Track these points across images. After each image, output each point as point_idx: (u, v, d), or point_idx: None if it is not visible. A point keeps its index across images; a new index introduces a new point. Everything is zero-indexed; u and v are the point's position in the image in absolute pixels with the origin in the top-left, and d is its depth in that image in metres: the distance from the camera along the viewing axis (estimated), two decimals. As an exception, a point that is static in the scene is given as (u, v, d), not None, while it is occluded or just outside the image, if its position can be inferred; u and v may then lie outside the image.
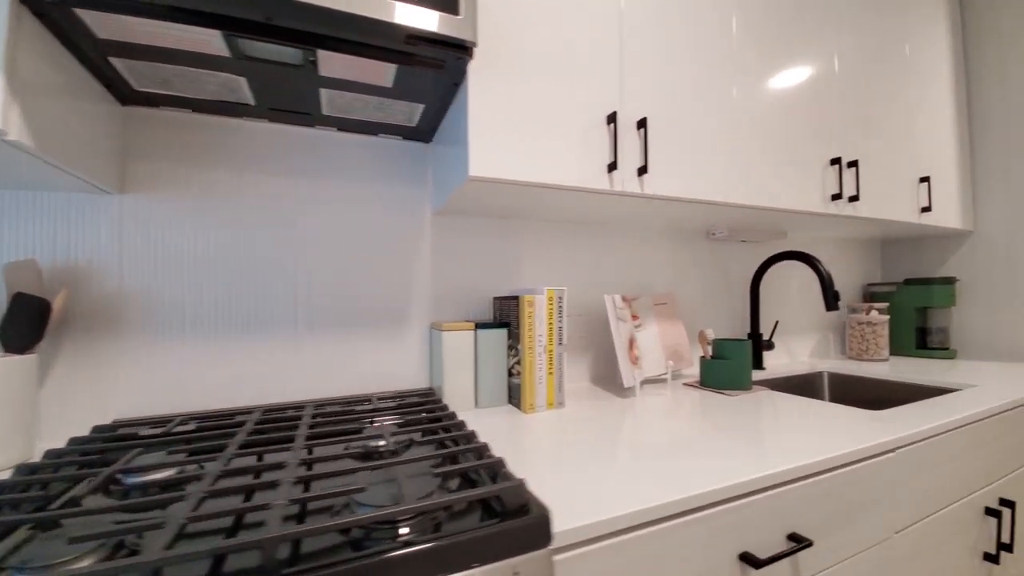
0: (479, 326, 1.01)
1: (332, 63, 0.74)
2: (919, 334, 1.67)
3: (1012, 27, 1.55)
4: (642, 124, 0.93)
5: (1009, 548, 0.99)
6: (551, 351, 0.99)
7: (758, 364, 1.47)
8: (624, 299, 1.19)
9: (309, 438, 0.68)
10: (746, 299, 1.59)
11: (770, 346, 1.49)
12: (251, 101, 0.87)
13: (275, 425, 0.73)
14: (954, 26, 1.64)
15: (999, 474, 1.01)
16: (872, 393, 1.40)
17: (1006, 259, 1.57)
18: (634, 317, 1.25)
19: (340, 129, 1.00)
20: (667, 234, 1.43)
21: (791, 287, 1.68)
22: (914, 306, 1.66)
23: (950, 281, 1.61)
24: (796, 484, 0.67)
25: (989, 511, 0.97)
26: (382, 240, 1.05)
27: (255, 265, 0.94)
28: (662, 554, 0.55)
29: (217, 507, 0.48)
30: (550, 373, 0.99)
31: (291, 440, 0.68)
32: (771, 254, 1.61)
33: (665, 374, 1.28)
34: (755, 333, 1.48)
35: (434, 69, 0.76)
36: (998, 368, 1.41)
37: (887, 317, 1.57)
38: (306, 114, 0.93)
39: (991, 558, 0.98)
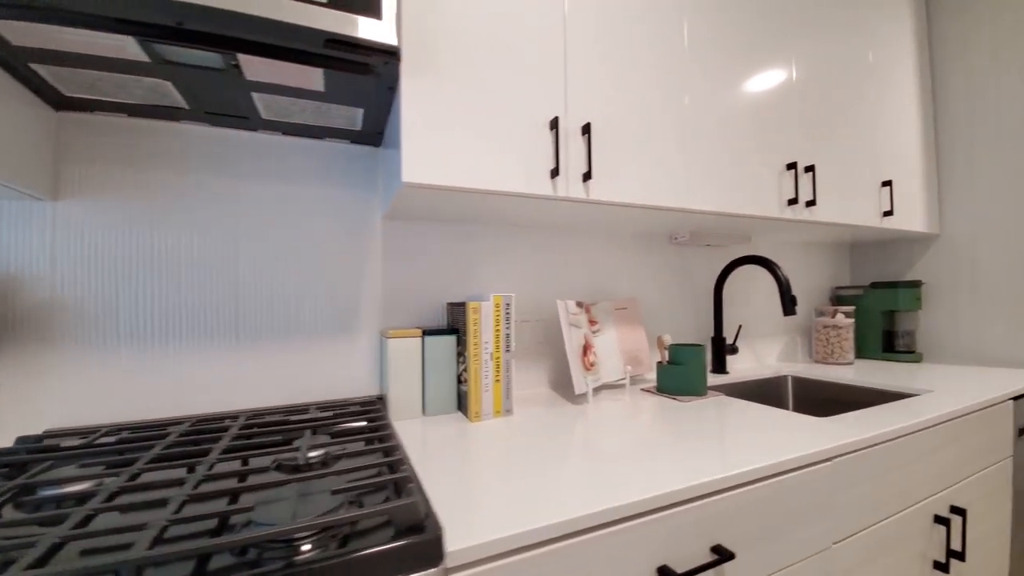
0: (427, 332, 1.00)
1: (256, 67, 0.73)
2: (886, 337, 1.67)
3: (976, 33, 1.56)
4: (586, 130, 0.92)
5: (961, 556, 0.99)
6: (498, 358, 0.98)
7: (721, 368, 1.47)
8: (580, 304, 1.18)
9: (226, 451, 0.66)
10: (711, 303, 1.58)
11: (733, 350, 1.49)
12: (185, 105, 0.86)
13: (197, 437, 0.71)
14: (920, 32, 1.65)
15: (950, 481, 1.01)
16: (833, 397, 1.39)
17: (970, 263, 1.57)
18: (592, 322, 1.24)
19: (285, 133, 0.99)
20: (631, 239, 1.42)
21: (758, 291, 1.68)
22: (880, 309, 1.66)
23: (915, 284, 1.61)
24: (724, 495, 0.66)
25: (938, 519, 0.96)
26: (330, 245, 1.03)
27: (194, 271, 0.92)
28: (571, 570, 0.54)
29: (104, 524, 0.47)
30: (497, 381, 0.98)
31: (206, 453, 0.66)
32: (735, 258, 1.59)
33: (623, 380, 1.27)
34: (718, 337, 1.47)
35: (363, 74, 0.75)
36: (961, 372, 1.41)
37: (852, 320, 1.57)
38: (244, 118, 0.91)
39: (941, 567, 0.98)
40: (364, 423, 0.80)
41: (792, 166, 1.23)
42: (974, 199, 1.57)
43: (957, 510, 1.00)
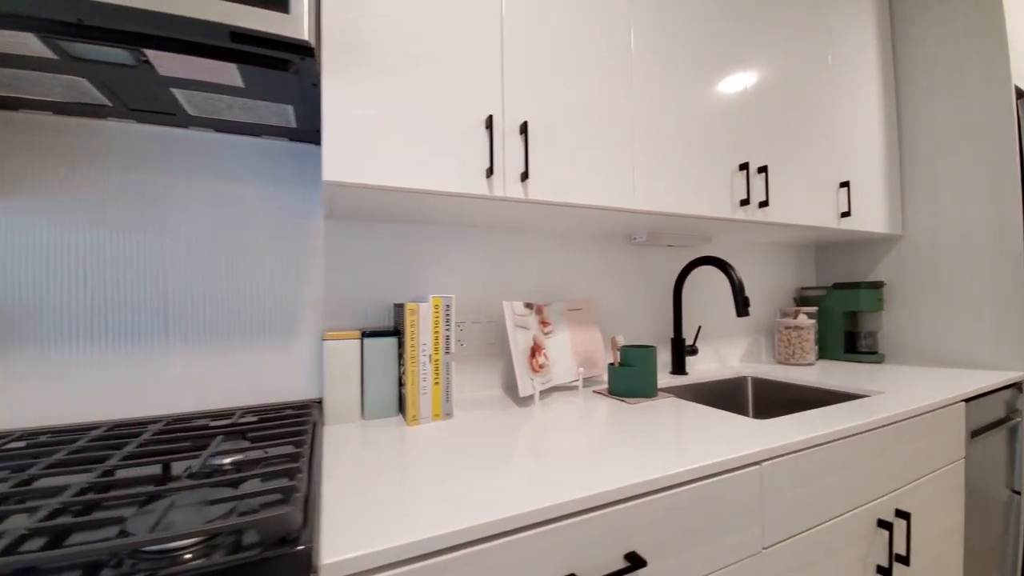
0: (366, 334, 0.98)
1: (167, 63, 0.71)
2: (848, 338, 1.67)
3: (938, 35, 1.56)
4: (524, 129, 0.91)
5: (906, 561, 0.98)
6: (437, 360, 0.96)
7: (680, 369, 1.46)
8: (529, 305, 1.17)
9: (127, 457, 0.64)
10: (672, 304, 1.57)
11: (693, 351, 1.48)
12: (107, 102, 0.84)
13: (105, 443, 0.69)
14: (883, 33, 1.65)
15: (897, 484, 1.00)
16: (790, 398, 1.39)
17: (931, 264, 1.57)
18: (544, 323, 1.22)
19: (218, 130, 0.97)
20: (589, 239, 1.41)
21: (721, 292, 1.67)
22: (843, 310, 1.66)
23: (877, 285, 1.61)
24: (641, 500, 0.65)
25: (882, 523, 0.96)
26: (268, 244, 1.01)
27: (121, 270, 0.90)
28: (466, 581, 0.52)
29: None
30: (436, 383, 0.96)
31: (104, 460, 0.64)
32: (692, 259, 1.58)
33: (576, 381, 1.25)
34: (678, 338, 1.46)
35: (280, 69, 0.73)
36: (919, 373, 1.41)
37: (813, 321, 1.57)
38: (171, 114, 0.89)
39: (884, 571, 0.97)
40: (286, 428, 0.78)
41: (744, 167, 1.22)
42: (935, 201, 1.57)
43: (902, 514, 0.99)
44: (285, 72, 0.74)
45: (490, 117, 0.87)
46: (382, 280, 1.12)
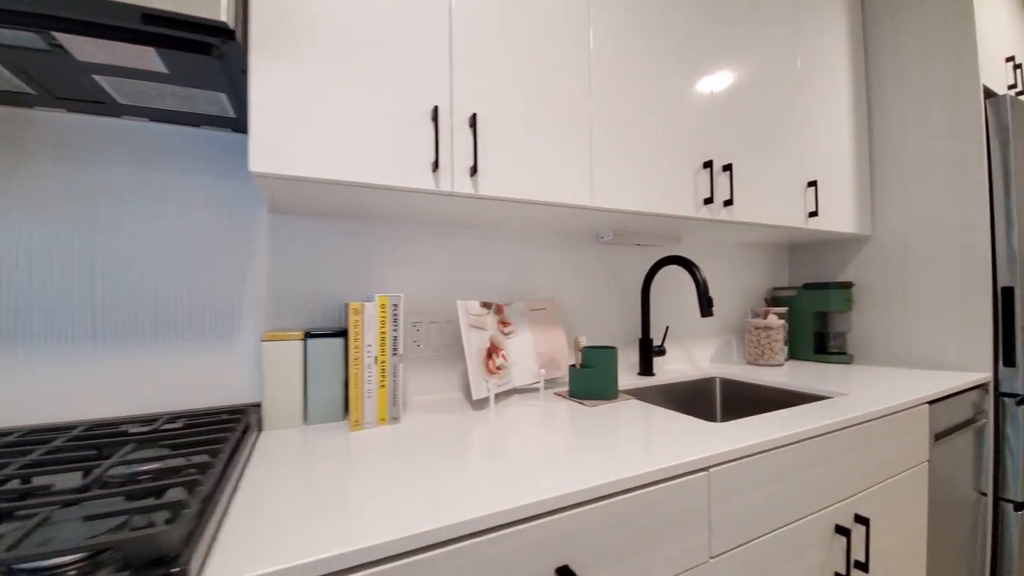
0: (310, 335, 0.94)
1: (82, 47, 0.66)
2: (818, 338, 1.66)
3: (907, 36, 1.55)
4: (473, 122, 0.87)
5: (864, 567, 0.96)
6: (383, 362, 0.93)
7: (647, 370, 1.43)
8: (487, 305, 1.13)
9: (26, 466, 0.60)
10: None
11: (661, 352, 1.46)
12: (30, 90, 0.79)
13: (10, 450, 0.65)
14: (855, 35, 1.64)
15: (857, 488, 0.98)
16: (757, 399, 1.37)
17: (901, 265, 1.56)
18: (505, 324, 1.19)
19: (152, 119, 0.92)
20: (555, 237, 1.38)
21: (690, 291, 1.65)
22: (813, 311, 1.64)
23: (846, 286, 1.60)
24: (577, 510, 0.62)
25: (840, 529, 0.94)
26: (207, 241, 0.96)
27: (47, 266, 0.85)
28: (374, 600, 0.49)
29: None
30: (382, 386, 0.93)
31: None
32: (659, 259, 1.56)
33: (537, 383, 1.22)
34: (645, 339, 1.44)
35: (202, 54, 0.69)
36: (886, 374, 1.40)
37: (783, 322, 1.55)
38: (100, 103, 0.84)
39: None
40: (209, 435, 0.73)
41: (708, 164, 1.19)
42: (905, 202, 1.56)
43: (861, 519, 0.97)
44: (209, 57, 0.70)
45: (436, 108, 0.83)
46: (335, 279, 1.08)
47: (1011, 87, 1.53)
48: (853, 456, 0.97)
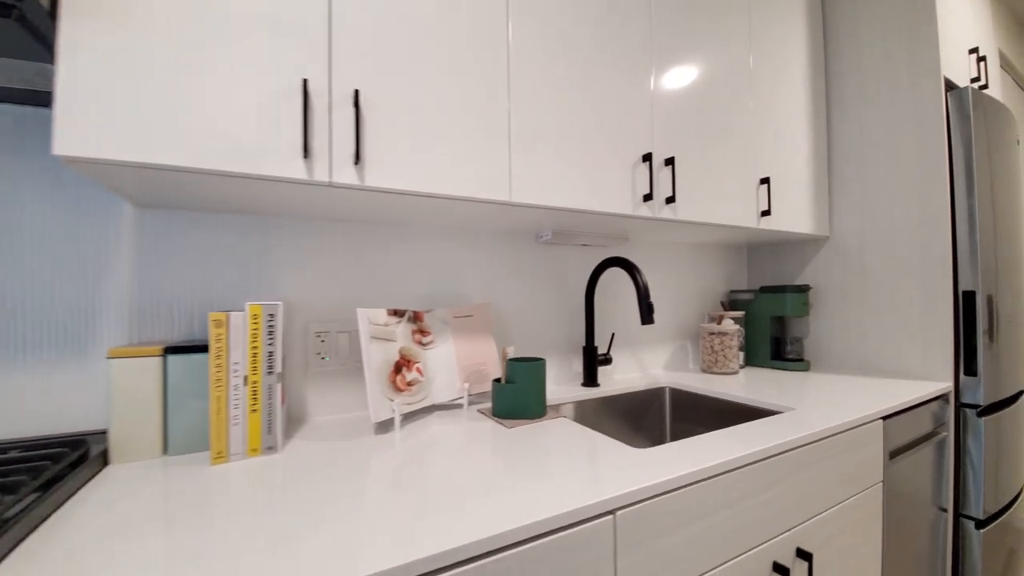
0: (171, 350, 0.80)
1: None
2: (775, 344, 1.57)
3: (869, 29, 1.46)
4: (356, 100, 0.74)
5: (809, 601, 0.86)
6: (256, 382, 0.79)
7: (592, 381, 1.32)
8: (397, 313, 1.00)
9: None
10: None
11: (607, 360, 1.35)
12: None
13: None
14: (813, 28, 1.55)
15: (801, 517, 0.88)
16: (705, 412, 1.27)
17: (858, 267, 1.48)
18: (423, 333, 1.06)
19: (-26, 95, 0.77)
20: (486, 236, 1.25)
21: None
22: (769, 315, 1.55)
23: (803, 289, 1.51)
24: (457, 570, 0.49)
25: (778, 567, 0.83)
26: (48, 240, 0.81)
27: None
28: None
29: None
30: (253, 411, 0.79)
31: None
32: (602, 260, 1.45)
33: (460, 399, 1.10)
34: (590, 347, 1.32)
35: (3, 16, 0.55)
36: (842, 384, 1.31)
37: (738, 327, 1.45)
38: None
39: (783, 615, 0.84)
40: (17, 475, 0.59)
41: (648, 158, 1.08)
42: (863, 201, 1.48)
43: (803, 554, 0.87)
44: (9, 19, 0.56)
45: (305, 81, 0.70)
46: (222, 283, 0.93)
47: (974, 80, 1.45)
48: (797, 481, 0.86)
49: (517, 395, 0.98)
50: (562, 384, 1.35)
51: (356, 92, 0.73)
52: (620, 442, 0.83)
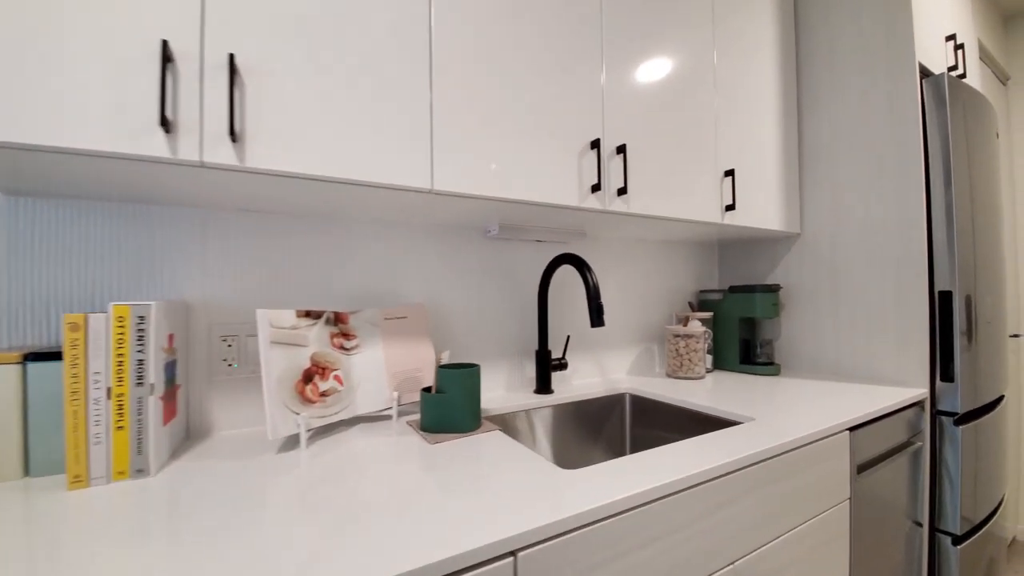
0: (31, 357, 0.69)
1: None
2: (744, 347, 1.48)
3: (841, 22, 1.38)
4: (232, 66, 0.64)
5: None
6: (121, 396, 0.68)
7: (545, 387, 1.22)
8: (308, 314, 0.90)
9: None
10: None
11: (562, 365, 1.25)
12: None
13: None
14: (784, 21, 1.46)
15: (747, 548, 0.78)
16: (665, 421, 1.18)
17: (830, 266, 1.40)
18: (347, 336, 0.96)
19: None
20: (425, 231, 1.15)
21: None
22: (739, 316, 1.46)
23: (773, 289, 1.42)
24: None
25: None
26: None
27: None
28: None
29: None
30: (119, 428, 0.68)
31: None
32: (554, 257, 1.35)
33: (389, 409, 1.00)
34: (543, 351, 1.23)
35: None
36: (811, 389, 1.22)
37: (704, 329, 1.36)
38: None
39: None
40: None
41: (596, 144, 0.98)
42: (835, 196, 1.40)
43: (756, 583, 0.78)
44: None
45: (165, 43, 0.59)
46: (102, 282, 0.83)
47: (951, 69, 1.37)
48: (751, 502, 0.77)
49: (445, 406, 0.88)
50: (514, 391, 1.25)
51: (231, 57, 0.63)
52: (550, 462, 0.74)
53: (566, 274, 1.37)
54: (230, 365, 0.92)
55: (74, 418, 0.65)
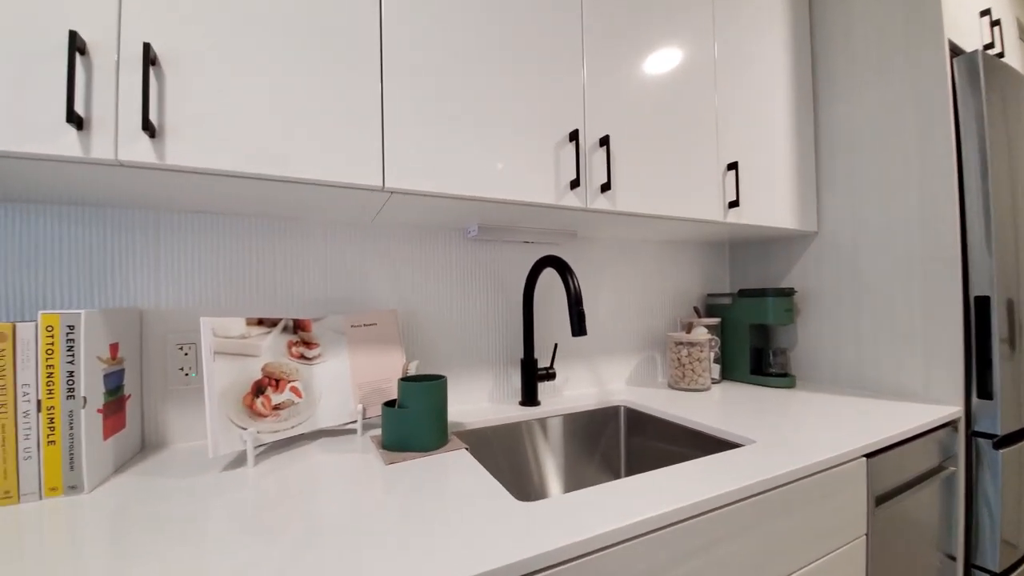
0: (-37, 369, 0.66)
1: None
2: (756, 356, 1.36)
3: (859, 17, 1.25)
4: (149, 56, 0.59)
5: None
6: (52, 408, 0.65)
7: (531, 399, 1.14)
8: (260, 322, 0.85)
9: None
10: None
11: (550, 376, 1.17)
12: None
13: None
14: (798, 14, 1.35)
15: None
16: (662, 440, 1.08)
17: (852, 267, 1.27)
18: (309, 345, 0.91)
19: None
20: (398, 232, 1.09)
21: (597, 300, 1.36)
22: (749, 322, 1.35)
23: (787, 293, 1.30)
24: None
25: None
26: None
27: None
28: None
29: None
30: (51, 443, 0.65)
31: None
32: (538, 259, 1.26)
33: (353, 423, 0.94)
34: (528, 360, 1.15)
35: None
36: (827, 405, 1.10)
37: (710, 337, 1.26)
38: None
39: None
40: None
41: (574, 136, 0.90)
42: (857, 190, 1.26)
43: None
44: None
45: (74, 34, 0.55)
46: (50, 288, 0.80)
47: (988, 47, 1.22)
48: (747, 542, 0.68)
49: (405, 423, 0.82)
50: (499, 403, 1.18)
51: (147, 46, 0.58)
52: (507, 491, 0.66)
53: (555, 278, 1.29)
54: (187, 374, 0.88)
55: (2, 432, 0.62)
